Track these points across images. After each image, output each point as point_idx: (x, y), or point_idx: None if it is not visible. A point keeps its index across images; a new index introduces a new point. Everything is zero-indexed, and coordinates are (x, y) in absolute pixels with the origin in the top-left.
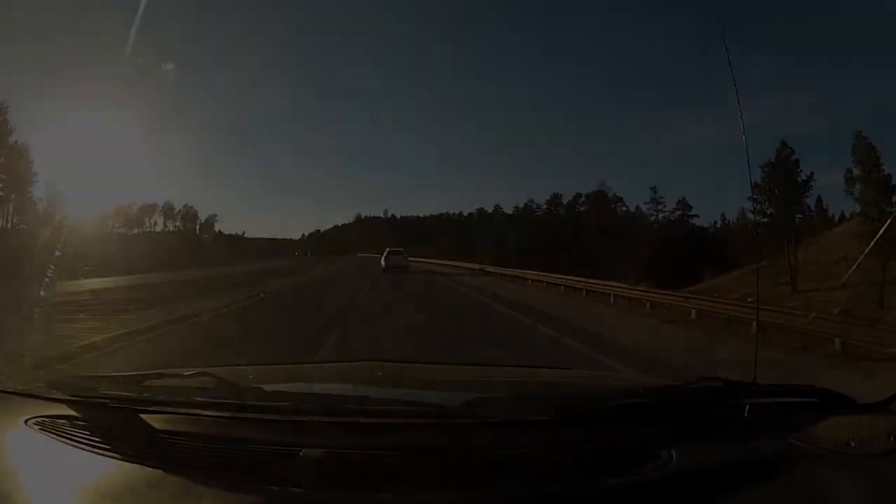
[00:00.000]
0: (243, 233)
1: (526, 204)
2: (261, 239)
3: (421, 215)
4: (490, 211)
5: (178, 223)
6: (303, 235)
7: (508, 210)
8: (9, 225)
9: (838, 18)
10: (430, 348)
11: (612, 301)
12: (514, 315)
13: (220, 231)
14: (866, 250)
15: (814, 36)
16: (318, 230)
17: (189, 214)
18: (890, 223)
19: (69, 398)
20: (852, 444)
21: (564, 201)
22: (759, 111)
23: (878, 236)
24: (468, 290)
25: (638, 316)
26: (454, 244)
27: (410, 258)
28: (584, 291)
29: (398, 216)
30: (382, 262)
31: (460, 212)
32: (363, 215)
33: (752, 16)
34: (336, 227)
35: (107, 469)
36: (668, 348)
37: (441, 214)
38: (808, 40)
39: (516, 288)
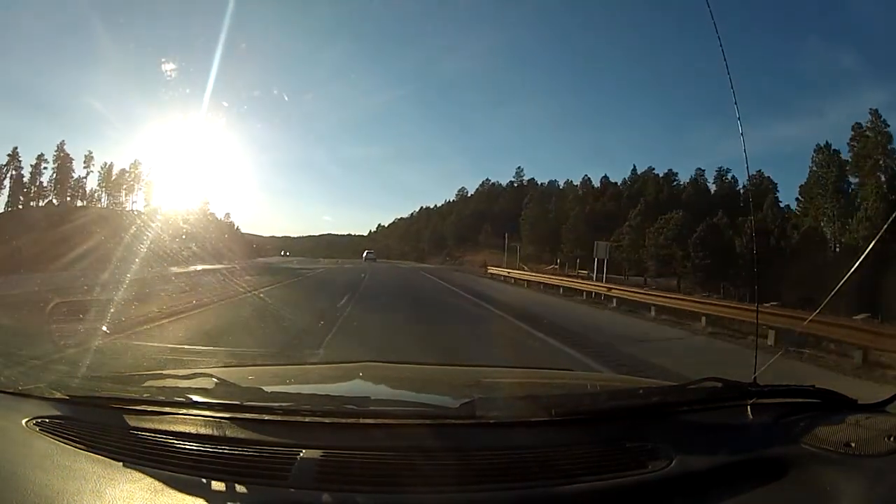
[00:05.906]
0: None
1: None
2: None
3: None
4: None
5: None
6: (380, 226)
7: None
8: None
9: None
10: None
11: None
12: None
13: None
14: (845, 277)
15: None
16: (401, 217)
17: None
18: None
19: (69, 398)
20: (852, 444)
21: None
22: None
23: (856, 264)
24: None
25: None
26: None
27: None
28: None
29: (539, 182)
30: (364, 256)
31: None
32: (468, 192)
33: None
34: (425, 208)
35: (106, 469)
36: None
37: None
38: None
39: None
